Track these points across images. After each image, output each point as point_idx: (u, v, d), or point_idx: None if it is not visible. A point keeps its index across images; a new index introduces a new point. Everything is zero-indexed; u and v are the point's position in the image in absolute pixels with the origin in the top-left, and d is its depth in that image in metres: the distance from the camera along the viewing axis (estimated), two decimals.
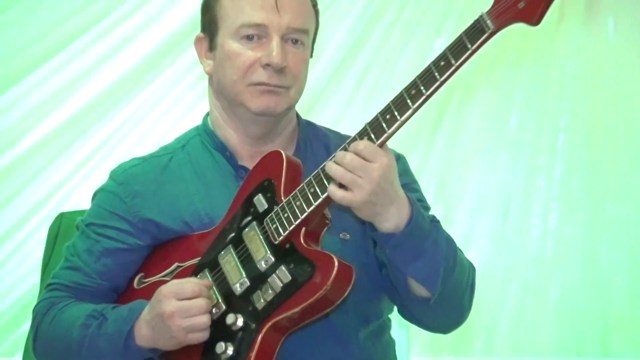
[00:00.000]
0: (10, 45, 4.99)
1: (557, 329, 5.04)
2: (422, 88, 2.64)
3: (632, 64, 5.22)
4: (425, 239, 2.79)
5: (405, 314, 3.03)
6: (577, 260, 5.06)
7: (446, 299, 2.87)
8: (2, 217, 5.07)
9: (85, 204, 3.20)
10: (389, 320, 3.14)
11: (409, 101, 2.66)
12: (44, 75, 5.05)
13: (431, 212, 3.05)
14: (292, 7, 2.99)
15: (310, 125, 3.19)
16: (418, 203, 2.89)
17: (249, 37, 2.95)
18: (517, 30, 2.68)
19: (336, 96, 5.15)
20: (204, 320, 2.79)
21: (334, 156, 2.76)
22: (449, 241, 2.88)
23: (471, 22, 2.62)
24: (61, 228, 3.70)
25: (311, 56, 3.13)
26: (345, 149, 2.76)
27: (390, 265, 2.84)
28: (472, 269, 3.01)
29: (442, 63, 2.63)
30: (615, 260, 5.05)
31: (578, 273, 5.05)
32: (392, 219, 2.73)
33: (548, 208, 5.12)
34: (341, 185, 2.72)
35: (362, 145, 2.66)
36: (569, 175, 5.12)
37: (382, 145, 2.77)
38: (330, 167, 2.70)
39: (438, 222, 2.91)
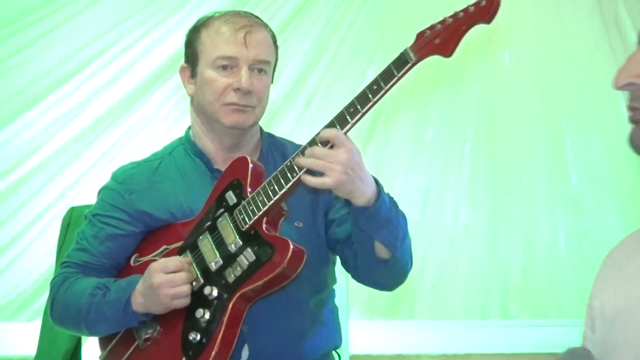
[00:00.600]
0: (30, 73, 4.94)
1: (465, 296, 5.06)
2: (358, 106, 2.63)
3: (523, 86, 5.24)
4: (390, 211, 2.79)
5: (361, 276, 3.02)
6: (481, 242, 5.08)
7: (399, 260, 2.84)
8: (26, 211, 5.01)
9: (91, 200, 3.15)
10: (334, 290, 3.14)
11: (348, 117, 2.65)
12: (60, 96, 5.03)
13: None
14: (258, 43, 2.96)
15: (271, 136, 3.16)
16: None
17: (223, 67, 2.92)
18: (433, 60, 2.65)
19: (290, 113, 5.12)
20: (186, 289, 2.79)
21: (294, 155, 2.74)
22: (403, 214, 2.90)
23: (397, 54, 2.61)
24: (72, 219, 3.69)
25: (272, 82, 3.07)
26: (315, 143, 2.73)
27: (360, 233, 2.83)
28: (410, 238, 3.00)
29: (375, 87, 2.62)
30: (511, 242, 5.08)
31: (482, 253, 5.07)
32: (364, 195, 2.72)
33: (458, 202, 5.12)
34: (313, 174, 2.70)
35: (335, 132, 2.67)
36: (474, 177, 5.12)
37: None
38: (305, 161, 2.68)
39: (393, 198, 2.91)
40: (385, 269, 2.85)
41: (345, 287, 3.74)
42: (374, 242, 2.79)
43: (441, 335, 5.10)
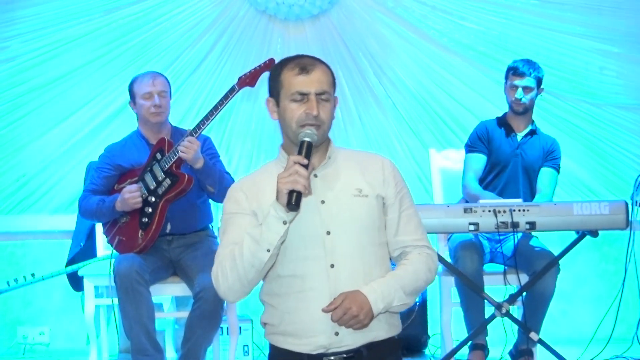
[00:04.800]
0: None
1: None
2: (214, 112, 4.03)
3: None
4: (212, 169, 4.07)
5: (210, 197, 4.25)
6: None
7: (218, 193, 4.04)
8: (72, 161, 5.68)
9: (96, 158, 4.46)
10: (208, 198, 4.39)
11: (205, 121, 4.02)
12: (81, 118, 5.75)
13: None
14: (158, 84, 4.22)
15: (176, 127, 4.43)
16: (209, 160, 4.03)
17: (145, 97, 4.23)
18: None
19: (188, 119, 5.56)
20: (139, 200, 4.13)
21: (183, 139, 4.00)
22: (219, 170, 4.12)
23: (230, 86, 4.02)
24: (90, 168, 4.90)
25: (170, 98, 4.30)
26: (184, 140, 3.96)
27: (200, 181, 4.11)
28: (227, 180, 4.06)
29: (219, 103, 4.00)
30: None
31: None
32: (199, 164, 4.01)
33: None
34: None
35: (192, 138, 3.95)
36: None
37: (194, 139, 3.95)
38: (179, 148, 3.92)
39: (214, 164, 4.12)
40: (214, 196, 4.20)
41: None
42: (207, 185, 4.08)
43: None
